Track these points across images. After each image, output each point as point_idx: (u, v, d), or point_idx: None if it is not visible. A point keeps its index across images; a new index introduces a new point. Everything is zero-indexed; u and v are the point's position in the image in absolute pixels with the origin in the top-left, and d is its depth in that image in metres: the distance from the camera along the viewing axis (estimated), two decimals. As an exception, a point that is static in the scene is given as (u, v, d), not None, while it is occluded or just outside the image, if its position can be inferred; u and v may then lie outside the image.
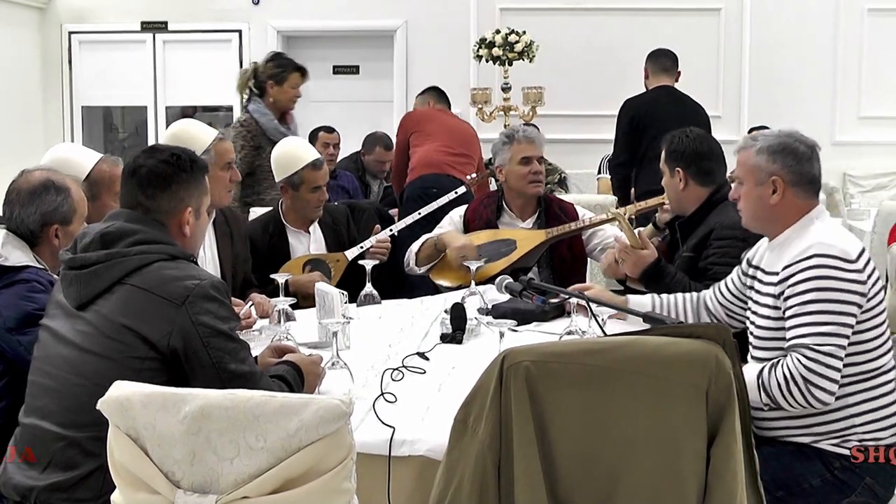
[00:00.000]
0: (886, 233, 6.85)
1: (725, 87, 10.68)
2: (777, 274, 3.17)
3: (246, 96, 6.43)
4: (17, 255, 3.44)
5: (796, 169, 3.26)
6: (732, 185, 3.49)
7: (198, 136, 4.27)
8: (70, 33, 11.27)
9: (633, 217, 4.86)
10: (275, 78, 6.33)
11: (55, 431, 2.76)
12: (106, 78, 11.31)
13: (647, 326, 3.30)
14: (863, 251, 3.13)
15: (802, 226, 3.24)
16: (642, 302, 3.87)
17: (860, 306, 3.05)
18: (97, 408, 2.31)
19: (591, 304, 3.52)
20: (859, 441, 3.08)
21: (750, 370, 3.06)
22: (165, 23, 11.19)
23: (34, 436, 2.81)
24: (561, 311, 4.19)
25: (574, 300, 3.73)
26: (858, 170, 10.54)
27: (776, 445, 3.14)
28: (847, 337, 3.01)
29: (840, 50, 10.67)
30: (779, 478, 3.05)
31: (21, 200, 3.51)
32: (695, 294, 3.86)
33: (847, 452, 3.08)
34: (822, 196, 8.01)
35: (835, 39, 10.66)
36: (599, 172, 9.02)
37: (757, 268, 3.40)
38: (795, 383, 2.96)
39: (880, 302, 3.13)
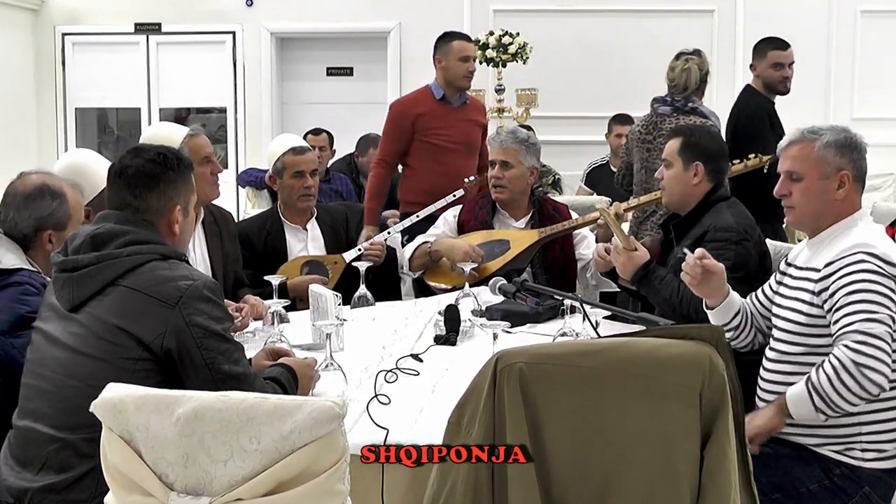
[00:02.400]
0: (881, 234, 6.85)
1: (719, 88, 10.68)
2: (817, 270, 3.13)
3: (688, 100, 6.02)
4: (10, 258, 3.43)
5: (860, 165, 3.22)
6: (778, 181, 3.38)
7: (167, 136, 4.26)
8: (63, 35, 11.27)
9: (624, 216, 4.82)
10: (706, 78, 6.17)
11: (49, 433, 2.75)
12: (99, 80, 11.31)
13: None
14: None
15: (846, 226, 3.20)
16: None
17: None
18: (90, 410, 2.31)
19: (584, 305, 3.53)
20: (862, 451, 3.06)
21: (796, 387, 3.03)
22: (159, 24, 11.19)
23: (28, 438, 2.80)
24: (554, 313, 4.19)
25: (568, 302, 3.73)
26: (852, 171, 10.55)
27: (775, 446, 3.13)
28: (892, 329, 2.94)
29: (833, 51, 10.69)
30: (776, 481, 3.05)
31: (16, 204, 3.50)
32: None
33: (848, 461, 3.06)
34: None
35: (828, 41, 10.68)
36: (584, 181, 8.99)
37: (790, 265, 3.37)
38: (847, 371, 2.87)
39: None
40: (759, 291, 3.58)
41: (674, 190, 4.28)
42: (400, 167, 6.41)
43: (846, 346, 2.91)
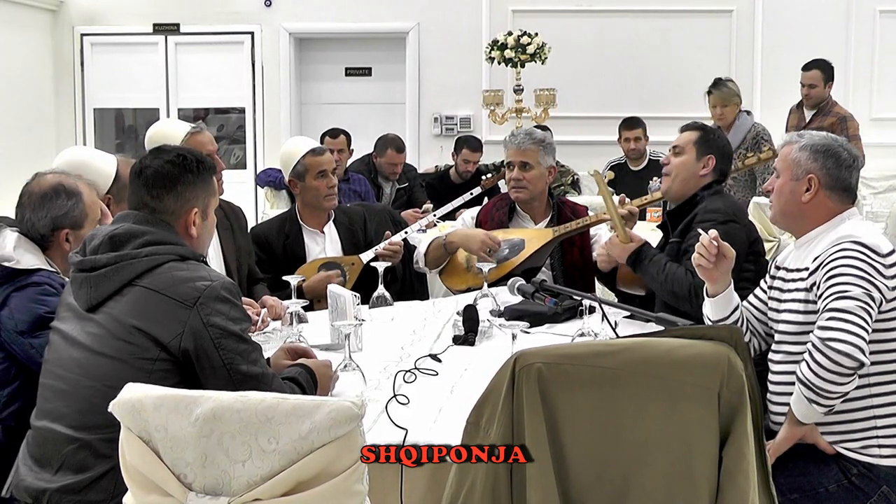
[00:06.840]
0: (899, 234, 6.83)
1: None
2: (806, 269, 3.16)
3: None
4: (29, 259, 3.43)
5: (834, 173, 3.27)
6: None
7: (170, 133, 4.25)
8: (82, 35, 11.31)
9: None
10: None
11: (67, 434, 2.76)
12: (118, 80, 11.35)
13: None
14: (893, 251, 3.10)
15: (832, 225, 3.24)
16: None
17: (883, 296, 3.01)
18: (109, 410, 2.31)
19: (602, 306, 3.52)
20: (879, 447, 3.06)
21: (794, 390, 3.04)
22: (177, 25, 11.22)
23: (46, 438, 2.81)
24: (573, 313, 4.18)
25: (587, 302, 3.73)
26: (871, 172, 10.46)
27: (794, 448, 3.12)
28: (873, 309, 2.94)
29: (852, 51, 10.65)
30: (794, 481, 3.04)
31: (32, 204, 3.50)
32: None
33: (866, 459, 3.05)
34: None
35: (847, 41, 10.65)
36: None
37: (780, 268, 3.40)
38: (817, 349, 2.87)
39: None
40: (751, 297, 3.60)
41: (678, 176, 4.30)
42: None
43: (817, 327, 2.94)
